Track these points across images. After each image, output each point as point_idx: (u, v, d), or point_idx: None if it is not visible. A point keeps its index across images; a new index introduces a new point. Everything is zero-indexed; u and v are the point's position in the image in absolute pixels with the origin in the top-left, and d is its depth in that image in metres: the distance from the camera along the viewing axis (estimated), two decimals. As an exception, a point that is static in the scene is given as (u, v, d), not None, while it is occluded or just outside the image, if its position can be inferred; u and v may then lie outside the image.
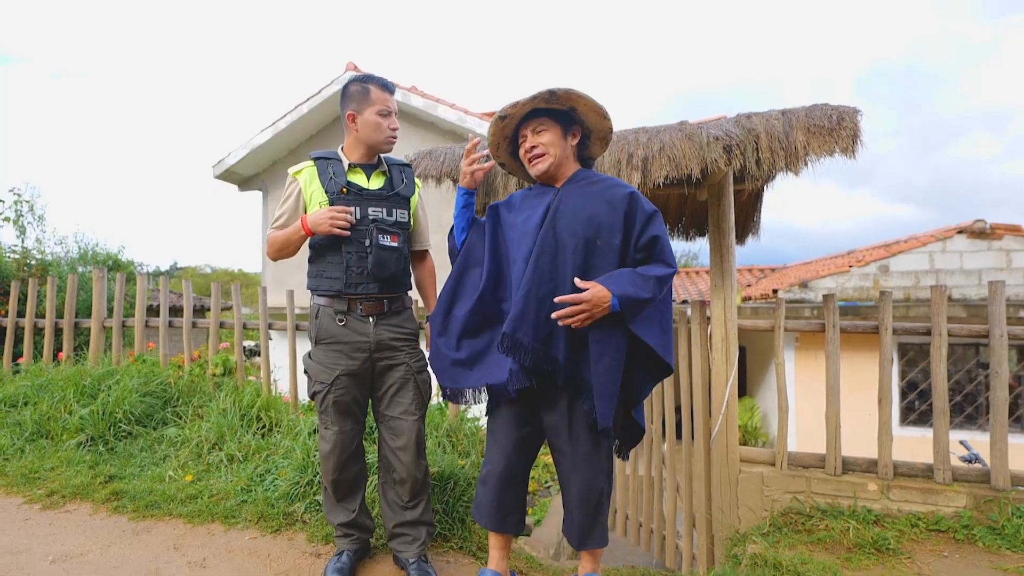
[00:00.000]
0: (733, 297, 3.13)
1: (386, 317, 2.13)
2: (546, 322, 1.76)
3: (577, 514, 1.90)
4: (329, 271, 2.08)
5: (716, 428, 3.14)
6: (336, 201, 2.05)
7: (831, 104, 2.56)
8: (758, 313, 7.29)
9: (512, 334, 1.77)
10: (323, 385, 2.07)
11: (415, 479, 2.13)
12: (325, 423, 2.11)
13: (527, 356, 1.76)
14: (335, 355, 2.07)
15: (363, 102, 2.09)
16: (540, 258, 1.78)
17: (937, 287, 2.79)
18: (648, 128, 2.79)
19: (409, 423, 2.12)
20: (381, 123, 2.09)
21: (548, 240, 1.80)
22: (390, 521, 2.19)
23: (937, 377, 2.81)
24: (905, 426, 7.15)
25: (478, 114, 7.99)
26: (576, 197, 1.85)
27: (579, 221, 1.79)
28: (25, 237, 6.65)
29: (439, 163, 3.37)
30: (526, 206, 1.94)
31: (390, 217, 2.11)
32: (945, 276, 7.09)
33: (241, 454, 3.14)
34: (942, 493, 2.74)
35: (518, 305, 1.78)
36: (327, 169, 2.09)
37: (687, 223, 4.20)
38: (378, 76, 2.13)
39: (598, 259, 1.78)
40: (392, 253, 2.08)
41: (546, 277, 1.77)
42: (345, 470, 2.13)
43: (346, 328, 2.07)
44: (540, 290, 1.76)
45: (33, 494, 2.93)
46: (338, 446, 2.09)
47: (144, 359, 4.16)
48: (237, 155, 9.01)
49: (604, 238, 1.78)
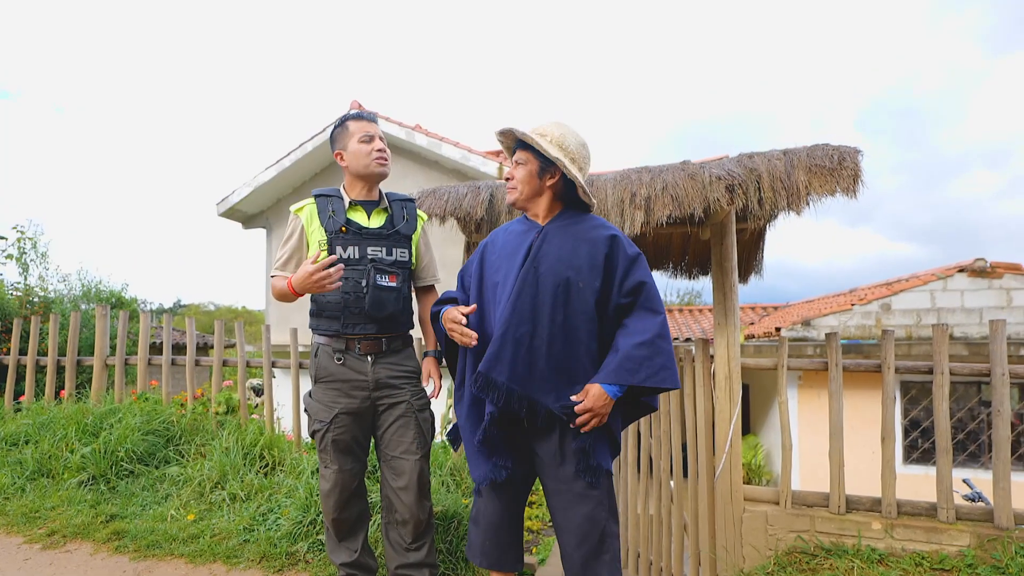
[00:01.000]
0: (736, 335, 3.16)
1: (385, 356, 2.12)
2: (523, 364, 1.73)
3: (577, 556, 1.75)
4: (328, 311, 2.08)
5: (720, 466, 3.13)
6: (335, 240, 2.05)
7: (832, 144, 2.60)
8: (761, 351, 7.32)
9: (486, 373, 1.74)
10: (322, 424, 2.06)
11: (418, 520, 2.09)
12: (325, 462, 2.10)
13: (500, 396, 1.72)
14: (334, 393, 2.07)
15: (344, 137, 2.11)
16: (520, 298, 1.75)
17: (939, 326, 2.83)
18: (651, 167, 2.87)
19: (411, 463, 2.09)
20: (363, 148, 2.09)
21: (529, 280, 1.77)
22: (393, 562, 2.15)
23: (940, 415, 2.82)
24: (908, 464, 7.10)
25: (482, 152, 8.15)
26: (558, 237, 1.83)
27: (560, 261, 1.78)
28: (28, 274, 6.67)
29: (443, 202, 3.44)
30: (511, 242, 1.91)
31: (389, 256, 2.11)
32: (946, 314, 7.14)
33: (244, 493, 3.12)
34: (946, 532, 2.72)
35: (494, 344, 1.74)
36: (327, 207, 2.09)
37: (690, 262, 4.25)
38: (353, 111, 2.16)
39: (576, 301, 1.75)
40: (390, 293, 2.08)
41: (525, 318, 1.74)
42: (346, 509, 2.12)
43: (344, 367, 2.07)
44: (518, 331, 1.73)
45: (34, 533, 2.91)
46: (338, 485, 2.07)
47: (147, 397, 4.16)
48: (241, 193, 9.13)
49: (584, 280, 1.76)
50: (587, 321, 1.77)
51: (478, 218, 3.30)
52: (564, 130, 1.86)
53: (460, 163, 8.09)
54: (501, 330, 1.75)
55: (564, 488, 1.77)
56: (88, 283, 7.27)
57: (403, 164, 8.73)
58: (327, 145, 8.73)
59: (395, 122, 8.52)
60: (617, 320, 1.81)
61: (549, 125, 1.87)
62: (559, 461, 1.77)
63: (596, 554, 1.75)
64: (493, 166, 7.77)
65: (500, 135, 1.93)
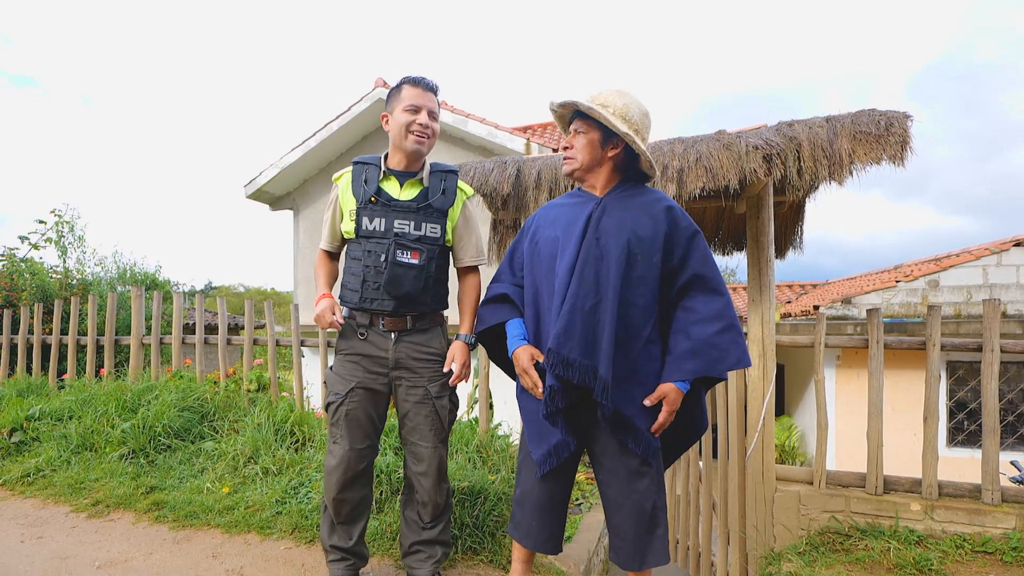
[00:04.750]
0: (772, 313, 3.07)
1: (409, 334, 2.03)
2: (591, 337, 1.69)
3: (632, 532, 1.74)
4: (351, 283, 2.02)
5: (752, 446, 3.06)
6: (363, 211, 1.98)
7: (879, 109, 2.47)
8: (798, 330, 7.11)
9: (558, 350, 1.68)
10: (337, 396, 2.01)
11: (436, 503, 2.09)
12: (335, 437, 2.03)
13: (575, 373, 1.67)
14: (352, 367, 2.02)
15: (394, 101, 2.01)
16: (584, 270, 1.71)
17: (990, 300, 2.69)
18: (684, 138, 2.76)
19: (428, 450, 2.04)
20: (405, 119, 1.96)
21: (591, 251, 1.73)
22: (407, 539, 2.13)
23: (988, 394, 2.70)
24: (952, 447, 6.87)
25: (508, 129, 8.05)
26: (618, 208, 1.79)
27: (621, 232, 1.73)
28: (66, 257, 6.83)
29: (469, 178, 3.40)
30: (564, 215, 1.86)
31: (417, 231, 2.00)
32: (1000, 291, 6.77)
33: (275, 467, 3.18)
34: (990, 514, 2.63)
35: (563, 319, 1.68)
36: (362, 175, 2.02)
37: (724, 237, 4.14)
38: (414, 75, 2.02)
39: (640, 273, 1.72)
40: (410, 271, 1.97)
41: (591, 290, 1.70)
42: (349, 490, 2.04)
43: (367, 342, 2.02)
44: (585, 303, 1.69)
45: (79, 503, 3.02)
46: (344, 462, 2.00)
47: (181, 375, 4.26)
48: (268, 174, 9.20)
49: (644, 252, 1.73)
50: (650, 293, 1.74)
51: (505, 194, 3.25)
52: (627, 99, 1.79)
53: (486, 140, 8.01)
54: (568, 304, 1.69)
55: (619, 465, 1.75)
56: (123, 266, 7.46)
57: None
58: (352, 125, 8.73)
59: (420, 100, 8.45)
60: (677, 297, 1.78)
61: (611, 94, 1.79)
62: (617, 439, 1.75)
63: (650, 529, 1.75)
64: (520, 143, 7.67)
65: (559, 107, 1.86)
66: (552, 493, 1.84)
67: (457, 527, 2.51)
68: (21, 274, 6.07)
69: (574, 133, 1.84)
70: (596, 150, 1.82)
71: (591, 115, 1.77)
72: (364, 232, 1.98)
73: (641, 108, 1.81)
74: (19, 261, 6.30)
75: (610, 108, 1.77)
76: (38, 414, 3.99)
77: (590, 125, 1.81)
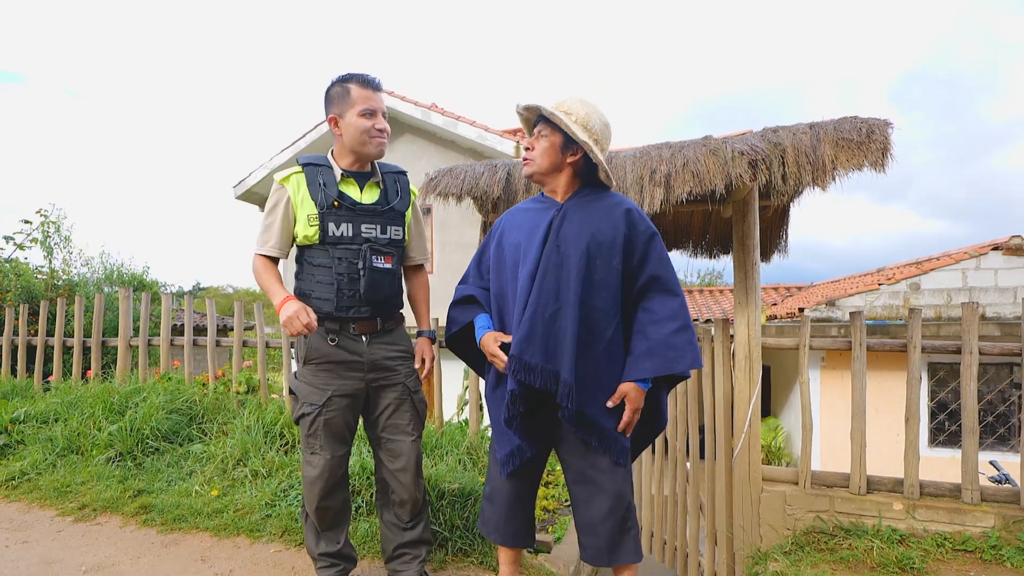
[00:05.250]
0: (757, 315, 3.11)
1: (379, 335, 2.02)
2: (552, 343, 1.72)
3: (603, 529, 1.78)
4: (318, 291, 1.94)
5: (738, 446, 3.11)
6: (327, 216, 1.91)
7: (861, 116, 2.53)
8: (783, 332, 7.21)
9: (520, 356, 1.72)
10: (313, 407, 1.94)
11: (415, 500, 2.06)
12: (312, 447, 1.98)
13: (537, 378, 1.71)
14: (327, 375, 1.95)
15: (344, 103, 1.92)
16: (545, 278, 1.75)
17: (969, 303, 2.76)
18: (671, 143, 2.81)
19: (407, 444, 2.03)
20: (363, 124, 1.91)
21: (552, 258, 1.77)
22: (390, 543, 2.11)
23: (967, 395, 2.76)
24: (934, 447, 6.99)
25: (498, 131, 8.08)
26: (578, 214, 1.82)
27: (581, 238, 1.77)
28: (52, 258, 6.75)
29: (459, 181, 3.42)
30: (528, 220, 1.90)
31: (384, 235, 1.97)
32: (979, 294, 6.93)
33: (265, 470, 3.17)
34: (970, 513, 2.69)
35: (524, 327, 1.73)
36: (317, 178, 1.93)
37: (711, 240, 4.19)
38: (359, 73, 1.94)
39: (600, 279, 1.76)
40: (386, 275, 1.96)
41: (551, 297, 1.74)
42: (331, 497, 2.02)
43: (338, 348, 1.95)
44: (546, 311, 1.73)
45: (65, 507, 2.99)
46: (326, 471, 1.97)
47: (169, 377, 4.23)
48: (258, 175, 9.17)
49: (603, 256, 1.76)
50: (611, 296, 1.78)
51: (495, 197, 3.27)
52: (589, 109, 1.83)
53: (476, 142, 8.05)
54: (530, 311, 1.73)
55: (585, 465, 1.79)
56: (110, 266, 7.41)
57: (419, 144, 8.69)
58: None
59: (411, 101, 8.47)
60: (637, 298, 1.82)
61: (574, 102, 1.84)
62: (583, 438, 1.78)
63: (622, 529, 1.79)
64: (510, 145, 7.70)
65: (524, 110, 1.90)
66: (519, 491, 1.91)
67: (447, 529, 2.52)
68: (6, 275, 6.01)
69: (537, 135, 1.88)
70: (556, 155, 1.85)
71: (553, 120, 1.81)
72: (331, 238, 1.92)
73: (603, 119, 1.85)
74: (4, 261, 6.24)
75: (572, 116, 1.81)
76: (23, 417, 3.94)
77: (553, 130, 1.84)
